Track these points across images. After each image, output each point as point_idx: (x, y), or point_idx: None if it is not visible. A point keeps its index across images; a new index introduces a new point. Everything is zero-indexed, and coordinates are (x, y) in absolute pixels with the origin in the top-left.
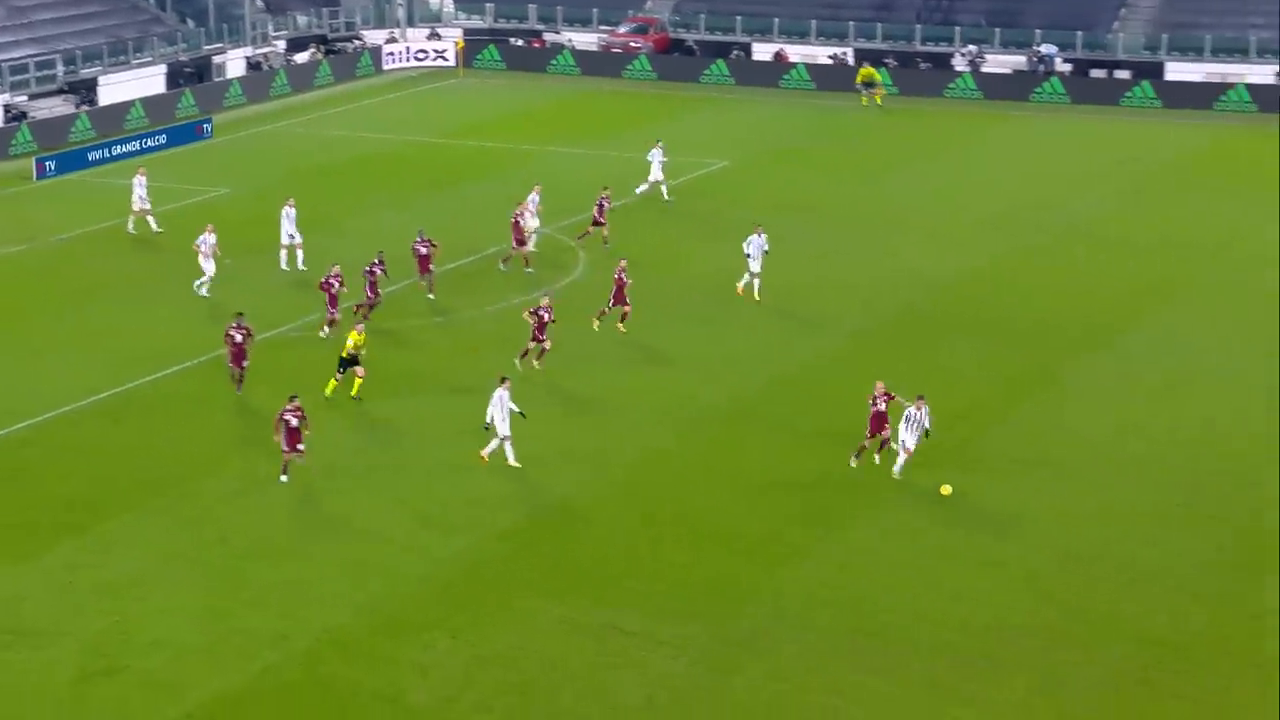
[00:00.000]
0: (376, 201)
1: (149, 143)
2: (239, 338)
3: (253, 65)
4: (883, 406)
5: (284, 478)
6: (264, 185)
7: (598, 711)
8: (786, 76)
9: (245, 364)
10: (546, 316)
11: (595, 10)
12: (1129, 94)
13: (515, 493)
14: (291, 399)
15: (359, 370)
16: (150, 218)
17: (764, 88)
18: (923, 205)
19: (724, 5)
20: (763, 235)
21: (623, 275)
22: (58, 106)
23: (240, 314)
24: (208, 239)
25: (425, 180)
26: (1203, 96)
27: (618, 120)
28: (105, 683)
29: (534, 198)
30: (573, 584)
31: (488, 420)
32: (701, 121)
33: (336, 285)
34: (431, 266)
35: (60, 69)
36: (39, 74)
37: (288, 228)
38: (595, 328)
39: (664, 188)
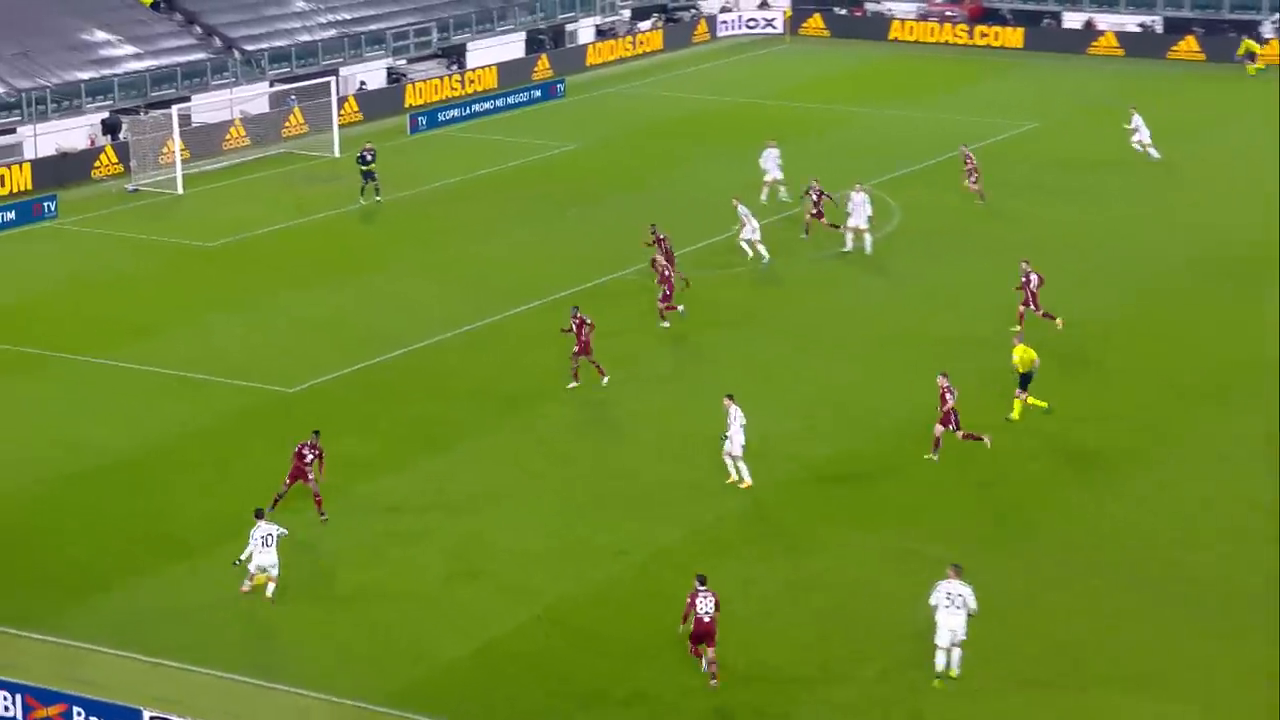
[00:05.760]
0: (706, 155)
1: (509, 100)
2: (573, 326)
3: (601, 32)
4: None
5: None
6: (608, 141)
7: (908, 630)
8: (1094, 44)
9: (591, 356)
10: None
11: None
12: None
13: (830, 431)
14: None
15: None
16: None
17: (1072, 54)
18: (1221, 169)
19: None
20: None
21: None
22: (431, 69)
23: (576, 306)
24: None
25: (751, 137)
26: None
27: (932, 84)
28: (467, 584)
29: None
30: (880, 515)
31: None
32: (1011, 85)
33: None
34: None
35: (434, 35)
36: (417, 40)
37: (771, 167)
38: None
39: (1151, 149)
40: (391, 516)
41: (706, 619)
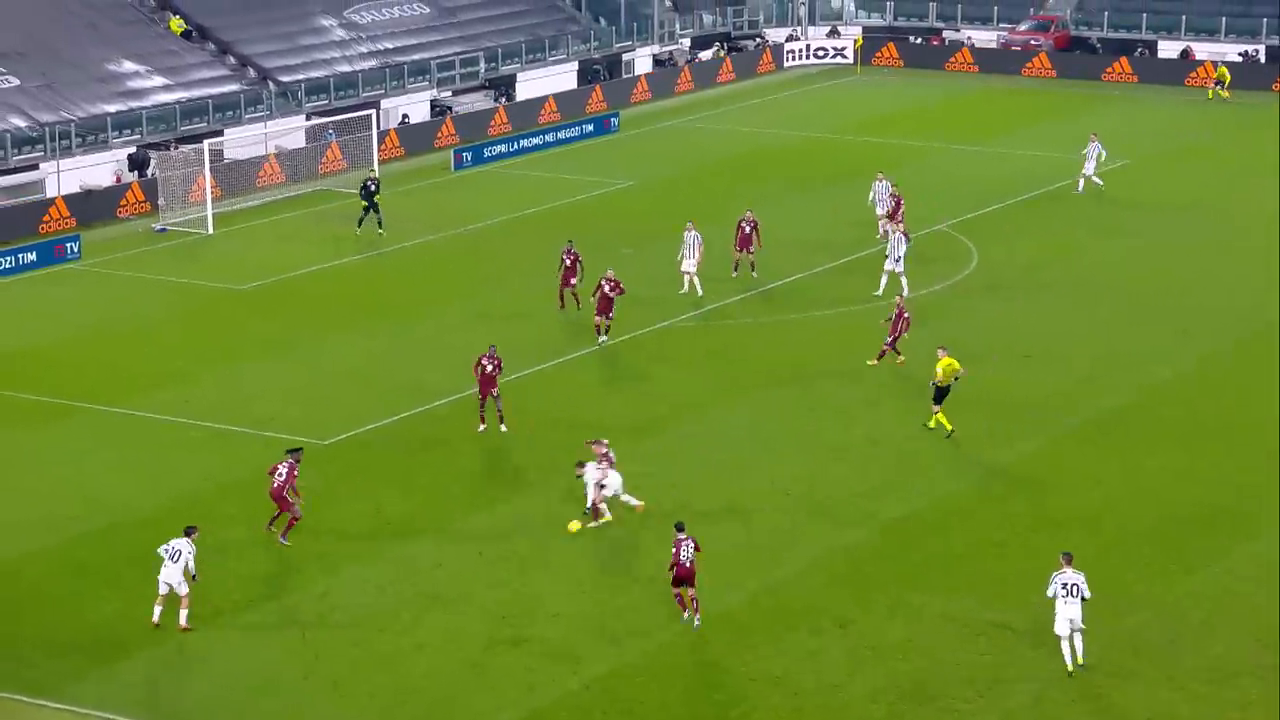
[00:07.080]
0: (770, 193)
1: (560, 135)
2: (489, 368)
3: (659, 62)
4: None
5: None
6: (666, 178)
7: (986, 710)
8: (1192, 74)
9: (495, 392)
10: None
11: (996, 8)
12: None
13: (904, 485)
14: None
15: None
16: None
17: (1168, 85)
18: None
19: (1129, 2)
20: None
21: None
22: (478, 101)
23: (493, 345)
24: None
25: (820, 175)
26: None
27: (1015, 118)
28: (511, 651)
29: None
30: (960, 581)
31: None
32: (1100, 120)
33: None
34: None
35: (482, 66)
36: (463, 70)
37: (881, 201)
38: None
39: (1095, 179)
40: (432, 577)
41: (687, 564)
